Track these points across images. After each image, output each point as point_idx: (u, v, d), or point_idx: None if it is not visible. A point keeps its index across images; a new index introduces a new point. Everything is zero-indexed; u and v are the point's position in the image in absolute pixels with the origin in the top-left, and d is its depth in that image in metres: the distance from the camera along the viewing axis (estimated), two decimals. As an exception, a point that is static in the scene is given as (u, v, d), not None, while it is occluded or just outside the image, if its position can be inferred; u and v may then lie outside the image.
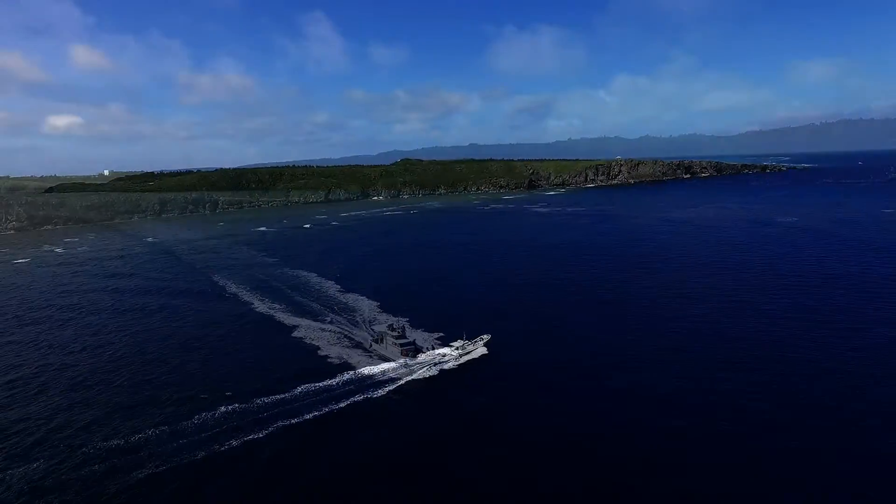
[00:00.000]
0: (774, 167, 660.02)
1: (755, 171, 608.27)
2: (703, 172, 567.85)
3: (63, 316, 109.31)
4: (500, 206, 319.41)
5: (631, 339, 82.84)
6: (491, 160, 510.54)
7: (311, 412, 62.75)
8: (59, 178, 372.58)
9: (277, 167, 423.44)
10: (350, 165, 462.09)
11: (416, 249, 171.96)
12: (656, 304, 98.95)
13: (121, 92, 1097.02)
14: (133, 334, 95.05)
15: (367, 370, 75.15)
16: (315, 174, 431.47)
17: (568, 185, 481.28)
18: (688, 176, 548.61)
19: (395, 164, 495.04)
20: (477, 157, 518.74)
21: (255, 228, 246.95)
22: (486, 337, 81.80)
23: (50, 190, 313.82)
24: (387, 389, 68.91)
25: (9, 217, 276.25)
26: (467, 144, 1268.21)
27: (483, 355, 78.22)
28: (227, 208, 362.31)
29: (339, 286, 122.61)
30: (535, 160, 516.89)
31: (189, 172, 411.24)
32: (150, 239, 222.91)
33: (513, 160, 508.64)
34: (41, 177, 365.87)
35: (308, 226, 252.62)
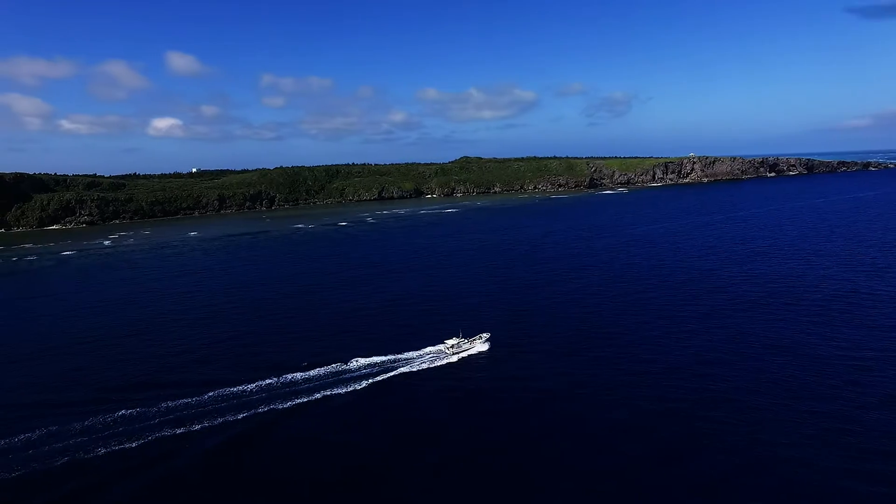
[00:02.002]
0: (881, 165, 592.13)
1: (855, 168, 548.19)
2: (790, 171, 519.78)
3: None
4: (546, 204, 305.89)
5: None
6: (554, 157, 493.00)
7: (266, 406, 61.85)
8: (139, 175, 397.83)
9: (334, 165, 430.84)
10: (407, 163, 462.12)
11: (427, 249, 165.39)
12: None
13: (213, 94, 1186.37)
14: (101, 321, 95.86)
15: (341, 366, 72.34)
16: (370, 172, 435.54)
17: (633, 183, 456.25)
18: (773, 174, 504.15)
19: (453, 161, 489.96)
20: (551, 156, 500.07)
21: (294, 225, 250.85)
22: (484, 335, 78.45)
23: (122, 186, 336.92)
24: (365, 384, 67.03)
25: (82, 211, 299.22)
26: (541, 142, 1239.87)
27: (480, 353, 74.83)
28: (283, 205, 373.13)
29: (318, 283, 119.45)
30: (599, 158, 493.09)
31: (253, 170, 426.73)
32: (192, 234, 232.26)
33: (576, 158, 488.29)
34: (145, 174, 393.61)
35: (344, 223, 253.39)
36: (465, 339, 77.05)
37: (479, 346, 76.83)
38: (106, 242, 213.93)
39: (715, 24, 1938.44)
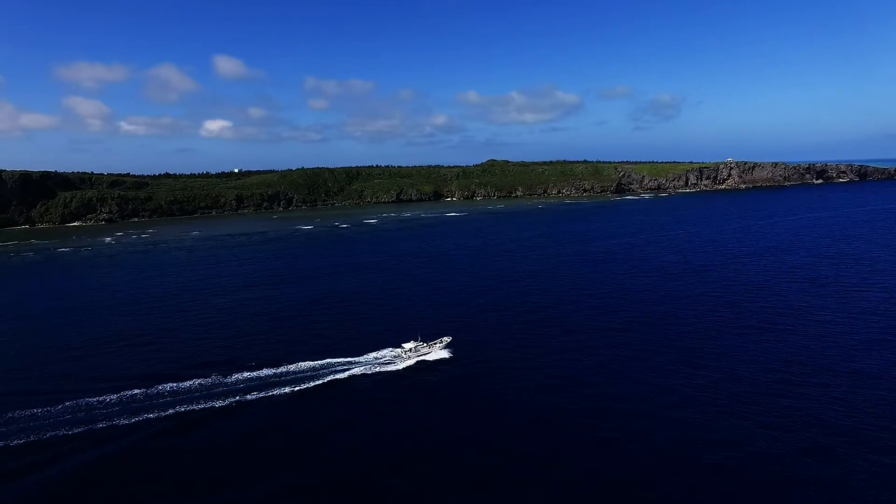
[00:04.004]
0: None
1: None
2: (840, 177, 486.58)
3: None
4: (558, 209, 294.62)
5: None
6: (581, 161, 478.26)
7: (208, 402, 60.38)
8: (170, 174, 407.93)
9: (354, 167, 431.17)
10: (428, 166, 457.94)
11: (405, 252, 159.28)
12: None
13: (260, 97, 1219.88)
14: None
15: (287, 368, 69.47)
16: (391, 174, 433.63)
17: (665, 189, 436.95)
18: (819, 181, 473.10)
19: (478, 164, 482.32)
20: (581, 160, 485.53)
21: (296, 226, 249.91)
22: (445, 339, 75.14)
23: (144, 185, 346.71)
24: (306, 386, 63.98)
25: (102, 209, 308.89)
26: (585, 146, 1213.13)
27: (438, 358, 71.13)
28: (301, 206, 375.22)
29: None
30: (629, 162, 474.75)
31: (274, 171, 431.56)
32: (195, 233, 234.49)
33: (604, 162, 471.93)
34: (175, 174, 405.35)
35: (346, 225, 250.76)
36: (424, 342, 73.12)
37: (439, 350, 72.98)
38: (108, 240, 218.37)
39: (768, 24, 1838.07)
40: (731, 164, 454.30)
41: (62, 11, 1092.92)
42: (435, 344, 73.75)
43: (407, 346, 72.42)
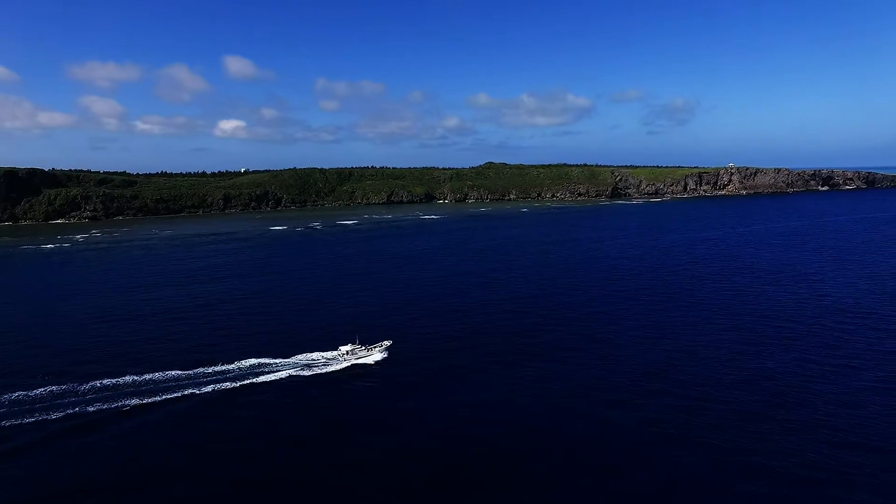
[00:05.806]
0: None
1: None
2: (847, 185, 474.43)
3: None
4: (542, 213, 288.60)
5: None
6: (577, 165, 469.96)
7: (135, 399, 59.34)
8: (164, 173, 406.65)
9: (346, 168, 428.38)
10: (422, 167, 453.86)
11: (362, 254, 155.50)
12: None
13: (271, 98, 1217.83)
14: None
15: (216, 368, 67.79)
16: (384, 175, 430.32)
17: (662, 194, 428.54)
18: (825, 188, 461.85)
19: (473, 167, 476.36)
20: (580, 163, 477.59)
21: (271, 227, 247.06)
22: (386, 343, 73.68)
23: (133, 183, 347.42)
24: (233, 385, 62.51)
25: (86, 207, 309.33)
26: (597, 150, 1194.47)
27: (375, 361, 69.80)
28: (290, 206, 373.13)
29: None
30: (626, 167, 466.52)
31: (263, 171, 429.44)
32: (167, 232, 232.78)
33: (600, 166, 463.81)
34: (170, 172, 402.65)
35: (319, 226, 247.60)
36: (363, 345, 71.62)
37: (378, 353, 71.44)
38: (79, 237, 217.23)
39: (779, 29, 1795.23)
40: (732, 169, 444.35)
41: (65, 9, 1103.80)
42: (374, 347, 71.57)
43: (344, 348, 70.45)
